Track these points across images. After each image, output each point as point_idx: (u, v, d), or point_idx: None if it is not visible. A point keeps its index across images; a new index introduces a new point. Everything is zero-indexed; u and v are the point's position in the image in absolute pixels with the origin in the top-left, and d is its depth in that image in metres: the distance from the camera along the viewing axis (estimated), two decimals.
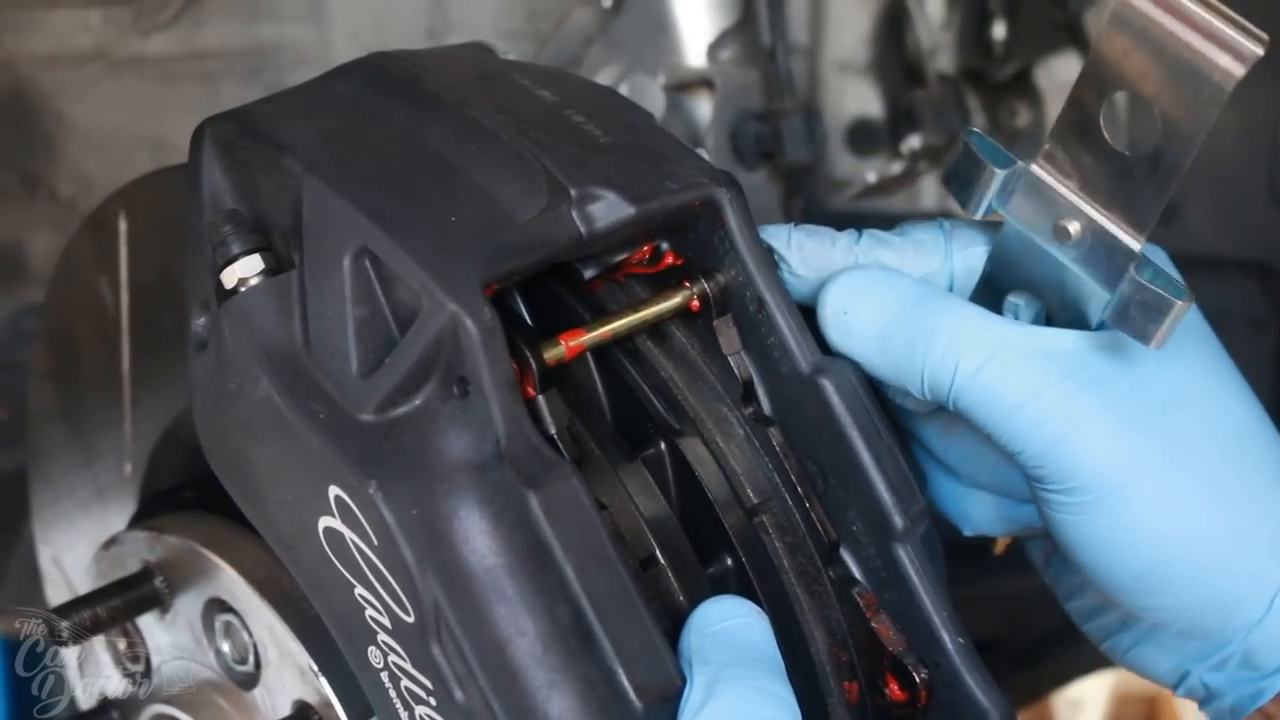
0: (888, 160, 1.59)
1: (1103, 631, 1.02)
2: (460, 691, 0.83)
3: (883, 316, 0.93)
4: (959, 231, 0.97)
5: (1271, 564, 0.92)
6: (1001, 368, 0.90)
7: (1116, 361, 0.90)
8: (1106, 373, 0.90)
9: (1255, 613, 0.92)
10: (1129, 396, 0.90)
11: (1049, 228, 0.89)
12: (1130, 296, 0.85)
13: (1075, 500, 0.90)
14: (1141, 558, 0.91)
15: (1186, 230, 1.63)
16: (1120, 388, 0.90)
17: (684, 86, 1.47)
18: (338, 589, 0.88)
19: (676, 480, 0.94)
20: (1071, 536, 0.92)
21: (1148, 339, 0.85)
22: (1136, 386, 0.90)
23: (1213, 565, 0.91)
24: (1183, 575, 0.91)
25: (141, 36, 1.59)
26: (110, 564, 1.12)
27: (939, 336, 0.91)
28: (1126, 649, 1.00)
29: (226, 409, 0.91)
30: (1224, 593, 0.92)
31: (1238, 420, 0.93)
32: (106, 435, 1.22)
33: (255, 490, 0.91)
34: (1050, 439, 0.89)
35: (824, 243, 0.97)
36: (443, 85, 0.96)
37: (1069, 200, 0.88)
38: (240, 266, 0.90)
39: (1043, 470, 0.91)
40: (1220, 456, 0.91)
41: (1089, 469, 0.89)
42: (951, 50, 1.59)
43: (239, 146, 0.93)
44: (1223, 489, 0.91)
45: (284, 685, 1.01)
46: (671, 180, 0.93)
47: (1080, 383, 0.89)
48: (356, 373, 0.87)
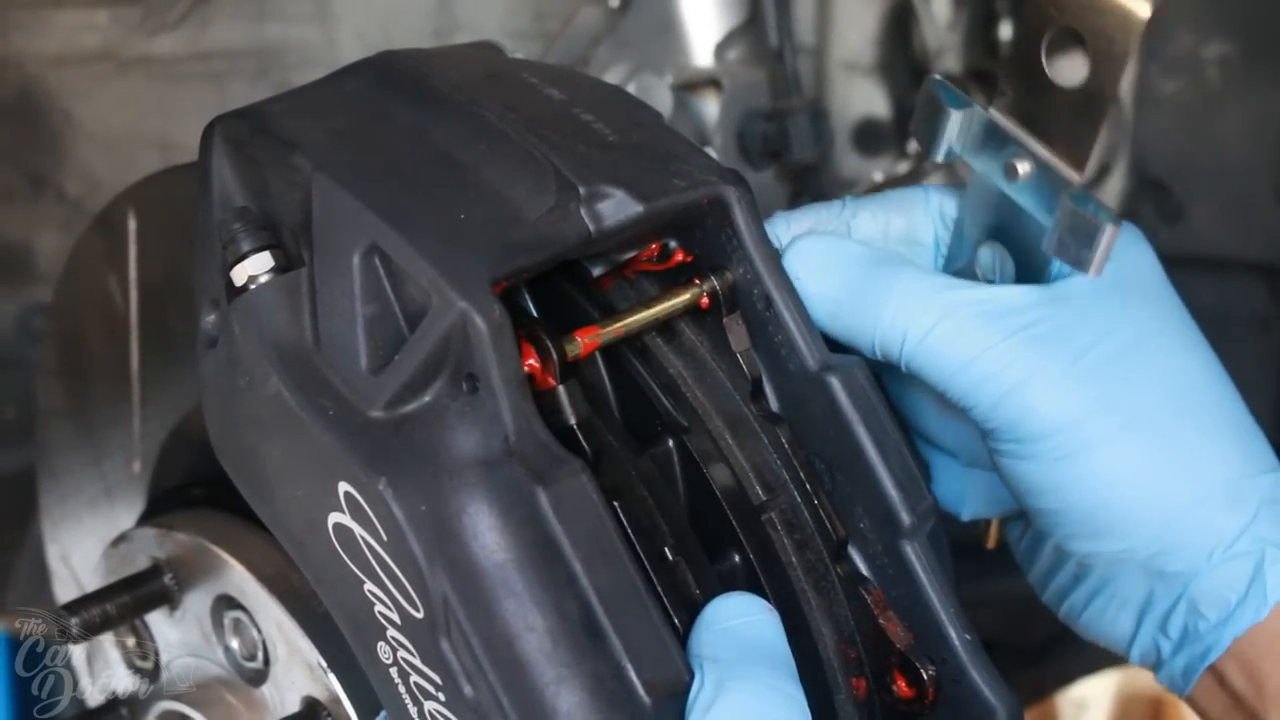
0: (894, 160, 1.59)
1: (1058, 593, 1.03)
2: (469, 687, 0.83)
3: (833, 283, 0.95)
4: (935, 190, 1.00)
5: (1217, 514, 0.93)
6: (950, 328, 0.92)
7: (1066, 316, 0.92)
8: (1056, 327, 0.92)
9: (1197, 561, 0.94)
10: (1077, 349, 0.92)
11: (1003, 168, 0.93)
12: (1064, 224, 0.89)
13: (1022, 448, 0.93)
14: (1085, 500, 0.93)
15: (1192, 231, 1.63)
16: (1068, 340, 0.92)
17: (691, 86, 1.47)
18: (347, 585, 0.88)
19: (685, 477, 0.94)
20: (1021, 484, 0.95)
21: (1085, 266, 0.88)
22: (1086, 339, 0.92)
23: (1157, 510, 0.93)
24: (1128, 518, 0.93)
25: (149, 36, 1.59)
26: (119, 561, 1.12)
27: (889, 301, 0.93)
28: (1082, 608, 1.01)
29: (236, 406, 0.91)
30: (1168, 539, 0.94)
31: (1189, 373, 0.95)
32: (115, 433, 1.22)
33: (265, 486, 0.91)
34: (999, 392, 0.92)
35: (815, 214, 0.99)
36: (451, 84, 0.96)
37: (1019, 138, 0.92)
38: (250, 264, 0.90)
39: (993, 423, 0.93)
40: (1169, 406, 0.93)
41: (1037, 417, 0.92)
42: (958, 50, 1.59)
43: (249, 144, 0.94)
44: (1169, 437, 0.93)
45: (293, 682, 1.01)
46: (680, 178, 0.93)
47: (1029, 337, 0.92)
48: (366, 369, 0.87)
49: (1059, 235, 0.89)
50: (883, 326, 0.93)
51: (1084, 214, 0.88)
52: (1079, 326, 0.92)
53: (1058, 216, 0.89)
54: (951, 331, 0.92)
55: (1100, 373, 0.92)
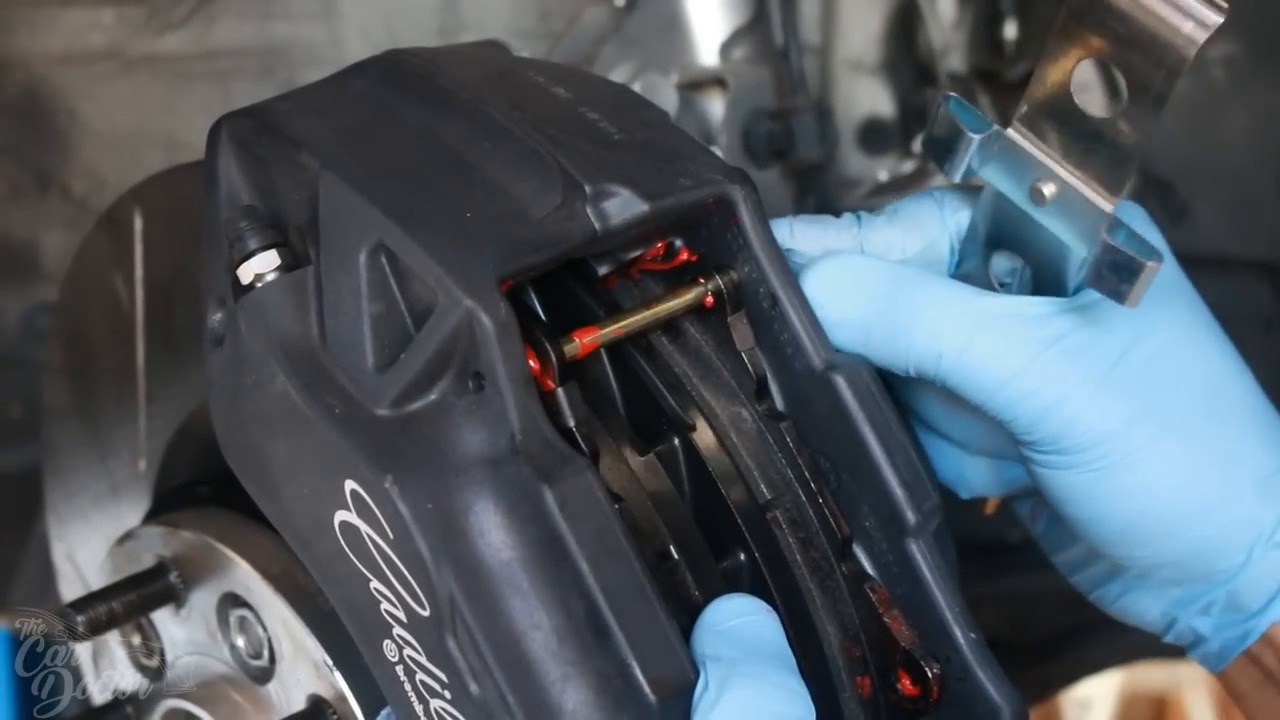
0: (899, 159, 1.59)
1: (1091, 582, 1.04)
2: (475, 685, 0.84)
3: (860, 307, 0.94)
4: (949, 199, 0.99)
5: (1253, 510, 0.94)
6: (985, 345, 0.92)
7: (1095, 325, 0.92)
8: (1087, 338, 0.92)
9: (1238, 557, 0.95)
10: (1112, 358, 0.92)
11: (1026, 190, 0.92)
12: (1104, 259, 0.87)
13: (1064, 459, 0.93)
14: (1127, 510, 0.93)
15: (1196, 230, 1.63)
16: (1103, 350, 0.92)
17: (696, 85, 1.47)
18: (353, 583, 0.88)
19: (690, 475, 0.94)
20: (1061, 494, 0.95)
21: (1123, 299, 0.87)
22: (1117, 348, 0.92)
23: (1196, 513, 0.94)
24: (1168, 524, 0.94)
25: (154, 35, 1.59)
26: (125, 559, 1.12)
27: (919, 322, 0.93)
28: (1115, 598, 1.03)
29: (242, 404, 0.91)
30: (1207, 539, 0.95)
31: (1217, 374, 0.95)
32: (121, 431, 1.22)
33: (271, 485, 0.91)
34: (1039, 408, 0.92)
35: (824, 229, 0.98)
36: (458, 82, 0.97)
37: (1043, 163, 0.90)
38: (257, 262, 0.90)
39: (1033, 436, 0.93)
40: (1201, 410, 0.94)
41: (1080, 430, 0.92)
42: (963, 50, 1.59)
43: (256, 143, 0.94)
44: (1203, 440, 0.93)
45: (298, 680, 1.01)
46: (685, 177, 0.93)
47: (1063, 350, 0.92)
48: (372, 367, 0.87)
49: (1096, 268, 0.87)
50: (916, 347, 0.93)
51: (1124, 250, 0.86)
52: (1111, 335, 0.92)
53: (1098, 253, 0.87)
54: (987, 348, 0.92)
55: (1136, 381, 0.92)
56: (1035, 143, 0.91)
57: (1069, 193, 0.90)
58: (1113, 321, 0.93)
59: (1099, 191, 0.88)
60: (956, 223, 0.98)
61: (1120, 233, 0.87)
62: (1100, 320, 0.92)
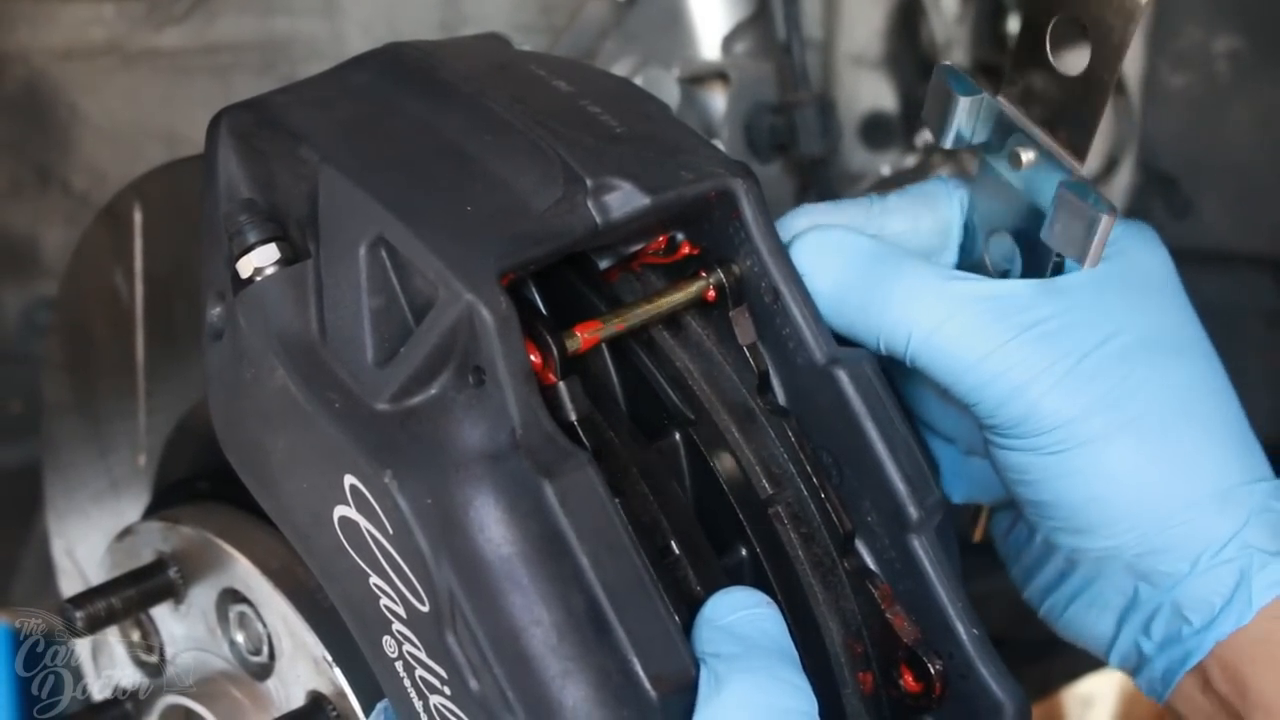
0: (902, 153, 1.58)
1: (1041, 590, 1.04)
2: (475, 681, 0.83)
3: (838, 276, 0.95)
4: (957, 183, 1.00)
5: (1208, 519, 0.94)
6: (955, 328, 0.92)
7: (1071, 313, 0.93)
8: (1061, 325, 0.92)
9: (1184, 564, 0.94)
10: (1082, 348, 0.92)
11: (1008, 156, 0.93)
12: (1062, 214, 0.89)
13: (1023, 443, 0.93)
14: (1079, 491, 0.93)
15: (1200, 225, 1.63)
16: (1073, 339, 0.92)
17: (698, 79, 1.46)
18: (353, 579, 0.87)
19: (691, 471, 0.94)
20: (1015, 472, 0.95)
21: (1082, 257, 0.89)
22: (1090, 338, 0.92)
23: (1149, 509, 0.94)
24: (1119, 514, 0.94)
25: (155, 29, 1.59)
26: (124, 555, 1.12)
27: (893, 299, 0.93)
28: (1063, 608, 1.02)
29: (242, 398, 0.91)
30: (1157, 540, 0.94)
31: (1190, 377, 0.95)
32: (120, 427, 1.22)
33: (270, 480, 0.91)
34: (1004, 391, 0.92)
35: (840, 209, 0.98)
36: (459, 75, 0.96)
37: (1023, 126, 0.92)
38: (256, 256, 0.90)
39: (995, 420, 0.93)
40: (1168, 409, 0.93)
41: (1040, 415, 0.92)
42: (966, 44, 1.59)
43: (255, 136, 0.93)
44: (1166, 439, 0.93)
45: (298, 676, 1.01)
46: (687, 171, 0.93)
47: (1035, 336, 0.92)
48: (372, 362, 0.87)
49: (1056, 225, 0.90)
50: (887, 322, 0.93)
51: (1081, 204, 0.88)
52: (1084, 325, 0.92)
53: (1055, 205, 0.90)
54: (957, 329, 0.92)
55: (1103, 372, 0.92)
56: (1017, 107, 0.93)
57: (1044, 158, 0.91)
58: (1089, 311, 0.93)
59: (1068, 153, 0.90)
60: (962, 202, 0.99)
61: (1078, 188, 0.89)
62: (1078, 310, 0.93)
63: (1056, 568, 1.01)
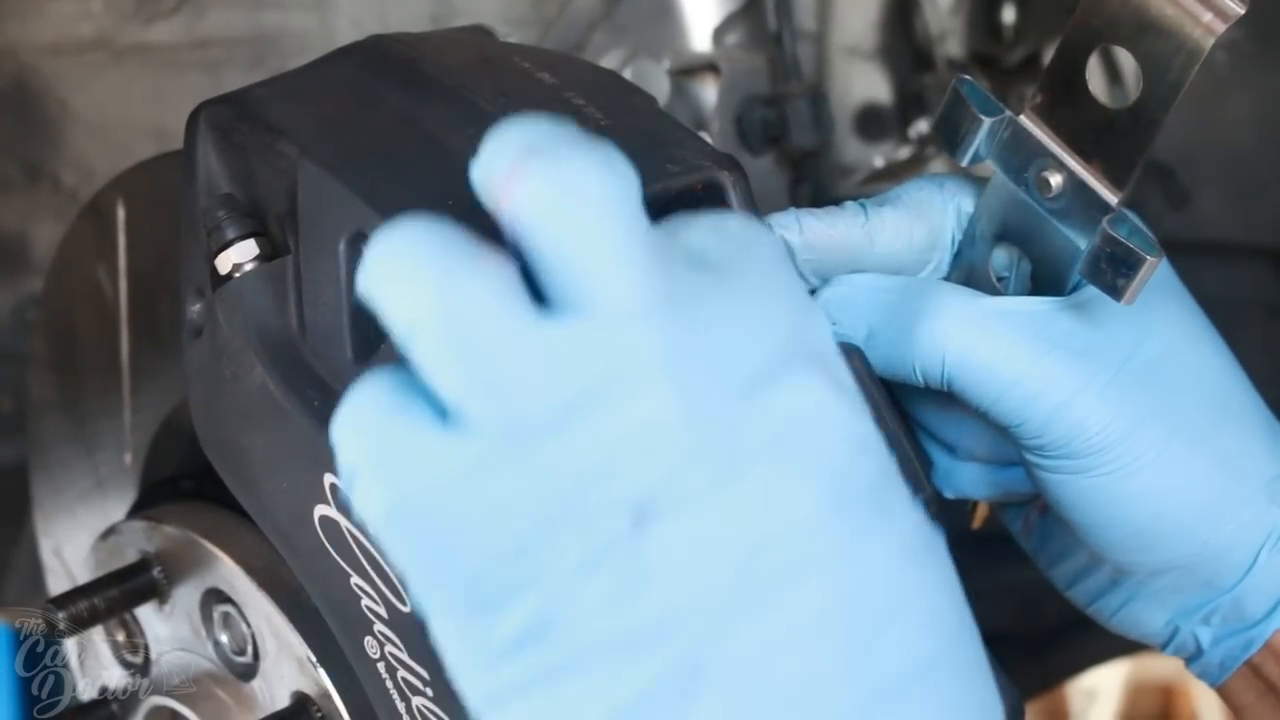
0: (896, 145, 1.57)
1: (1090, 594, 1.02)
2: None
3: (871, 326, 0.93)
4: (949, 183, 0.97)
5: (1259, 513, 0.93)
6: (989, 347, 0.90)
7: (1098, 326, 0.91)
8: (1091, 339, 0.91)
9: (1245, 561, 0.93)
10: (1118, 359, 0.90)
11: (1032, 179, 0.90)
12: (1103, 250, 0.86)
13: (1073, 464, 0.91)
14: (1138, 513, 0.91)
15: (1199, 216, 1.61)
16: (1108, 351, 0.90)
17: (689, 71, 1.45)
18: (333, 579, 0.87)
19: None
20: (1067, 498, 0.93)
21: (1119, 295, 0.86)
22: (1121, 349, 0.91)
23: (1205, 516, 0.92)
24: (1177, 528, 0.92)
25: (144, 24, 1.58)
26: (108, 554, 1.11)
27: (923, 328, 0.92)
28: (1115, 610, 1.00)
29: (221, 396, 0.90)
30: (1214, 543, 0.93)
31: (1218, 376, 0.94)
32: (106, 425, 1.21)
33: (251, 479, 0.90)
34: (1047, 410, 0.90)
35: (833, 221, 0.96)
36: (441, 68, 0.95)
37: (1052, 151, 0.89)
38: (235, 252, 0.89)
39: (1041, 440, 0.91)
40: (1206, 412, 0.92)
41: (1089, 432, 0.90)
42: (961, 35, 1.57)
43: (235, 130, 0.92)
44: (1210, 442, 0.92)
45: (282, 677, 1.00)
46: (673, 163, 0.92)
47: (1069, 351, 0.90)
48: (352, 358, 0.86)
49: (1094, 259, 0.87)
50: (921, 352, 0.92)
51: (1124, 243, 0.85)
52: (1113, 336, 0.91)
53: (1096, 242, 0.87)
54: (992, 350, 0.90)
55: (1142, 382, 0.91)
56: (1046, 131, 0.90)
57: (1075, 184, 0.88)
58: (1114, 322, 0.91)
59: (1105, 183, 0.87)
60: (958, 208, 0.97)
61: (1123, 226, 0.86)
62: (1102, 321, 0.91)
63: (1106, 575, 1.00)
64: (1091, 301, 0.91)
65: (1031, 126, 0.90)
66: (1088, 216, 0.88)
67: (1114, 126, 0.87)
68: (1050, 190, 0.89)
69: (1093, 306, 0.91)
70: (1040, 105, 0.90)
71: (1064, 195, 0.89)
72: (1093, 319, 0.91)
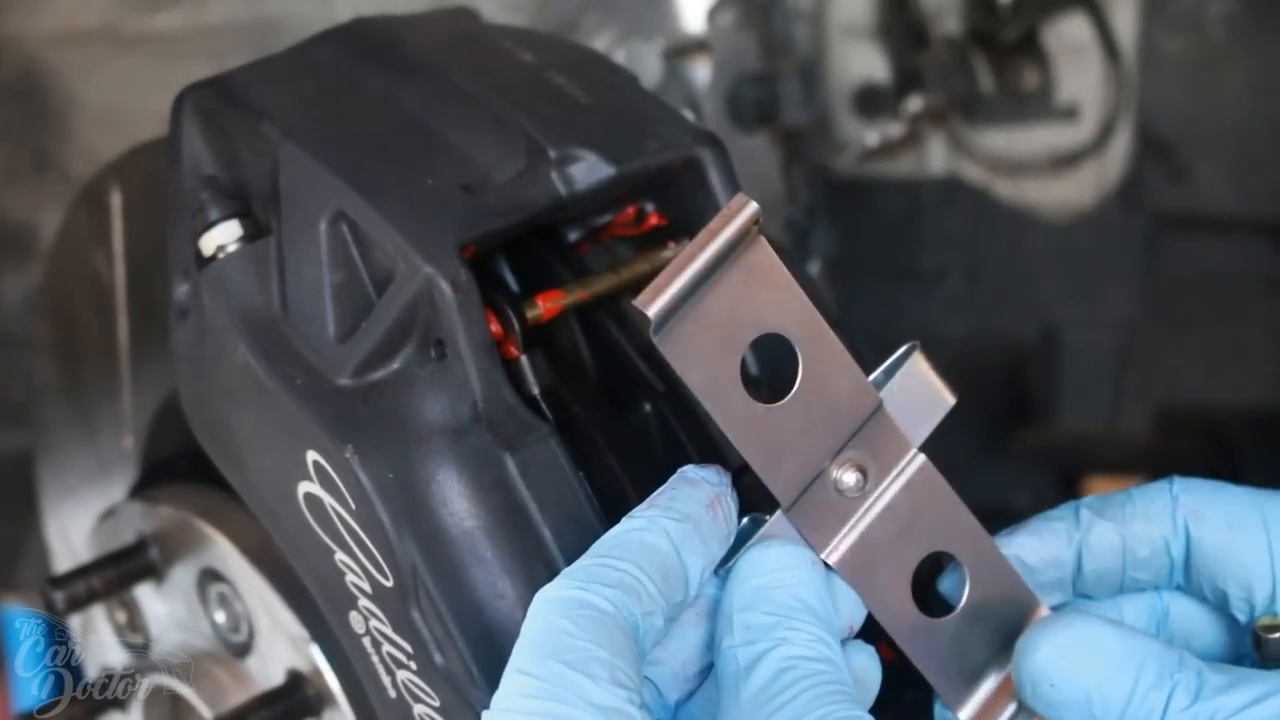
0: (890, 122, 1.57)
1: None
2: (440, 655, 0.83)
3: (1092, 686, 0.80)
4: (1186, 497, 0.87)
5: None
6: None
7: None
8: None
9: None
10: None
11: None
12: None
13: None
14: None
15: (1198, 190, 1.61)
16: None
17: (681, 51, 1.45)
18: (319, 554, 0.87)
19: (663, 442, 0.93)
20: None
21: None
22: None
23: None
24: None
25: (148, 13, 1.59)
26: (107, 535, 1.12)
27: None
28: None
29: (207, 376, 0.91)
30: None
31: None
32: (107, 408, 1.22)
33: (237, 457, 0.91)
34: None
35: (1050, 542, 0.86)
36: (422, 49, 0.96)
37: None
38: (218, 233, 0.89)
39: None
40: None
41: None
42: (958, 12, 1.57)
43: (218, 113, 0.93)
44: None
45: (276, 654, 1.00)
46: (653, 140, 0.92)
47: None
48: (334, 337, 0.86)
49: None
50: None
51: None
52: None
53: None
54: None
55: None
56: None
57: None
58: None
59: None
60: (1185, 526, 0.87)
61: None
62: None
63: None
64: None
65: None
66: None
67: None
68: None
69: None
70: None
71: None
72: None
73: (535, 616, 0.75)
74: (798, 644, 0.76)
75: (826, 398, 0.80)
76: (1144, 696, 0.79)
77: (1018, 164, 1.63)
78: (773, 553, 0.79)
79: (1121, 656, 0.80)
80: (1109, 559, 0.87)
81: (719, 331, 0.77)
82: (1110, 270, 1.61)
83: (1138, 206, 1.60)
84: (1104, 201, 1.63)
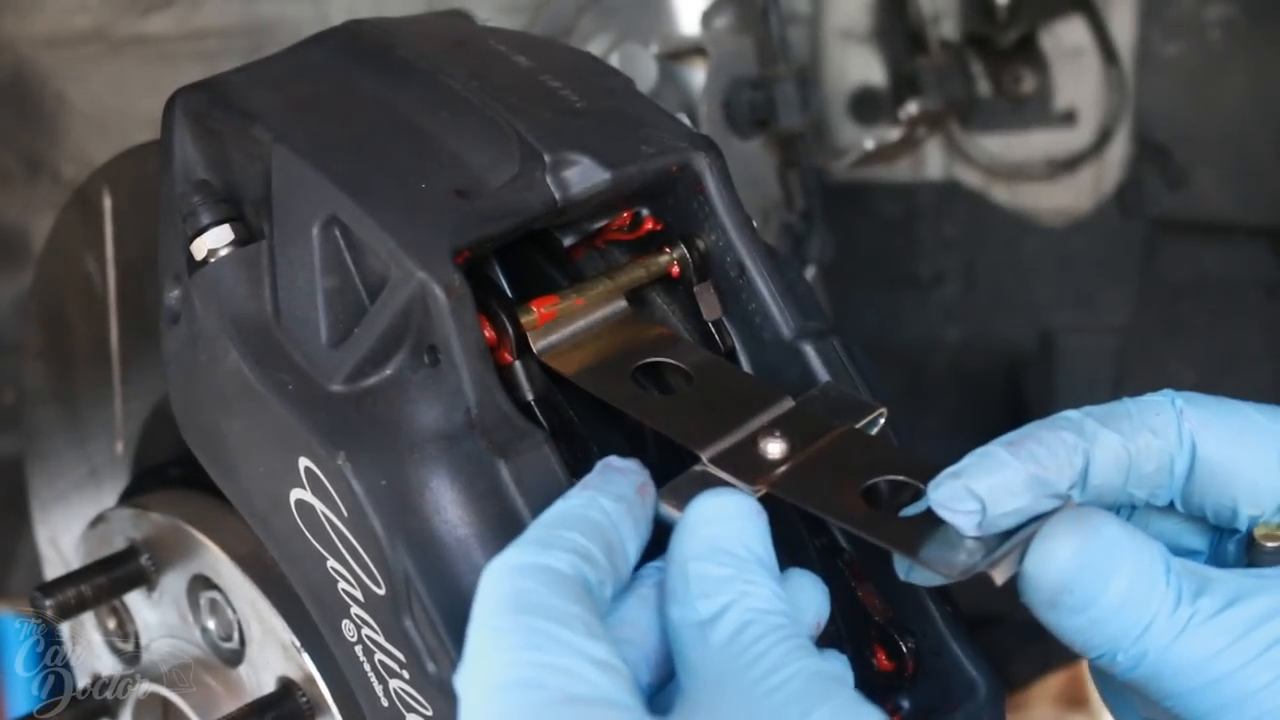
0: (887, 127, 1.57)
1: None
2: (432, 664, 0.82)
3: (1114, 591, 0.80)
4: (1191, 410, 0.85)
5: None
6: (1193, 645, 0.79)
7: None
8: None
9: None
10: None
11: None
12: None
13: None
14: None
15: (1196, 195, 1.60)
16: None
17: (677, 55, 1.45)
18: (311, 562, 0.87)
19: (656, 449, 0.93)
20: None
21: None
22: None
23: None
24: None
25: (140, 16, 1.58)
26: (98, 542, 1.11)
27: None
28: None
29: (198, 382, 0.90)
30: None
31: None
32: (98, 414, 1.21)
33: (228, 464, 0.90)
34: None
35: (1059, 454, 0.82)
36: (416, 52, 0.95)
37: None
38: (210, 237, 0.89)
39: None
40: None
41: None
42: (955, 16, 1.57)
43: (210, 116, 0.92)
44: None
45: (268, 662, 1.00)
46: (648, 145, 0.92)
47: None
48: (326, 343, 0.86)
49: None
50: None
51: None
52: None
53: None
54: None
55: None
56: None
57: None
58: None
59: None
60: (1192, 434, 0.85)
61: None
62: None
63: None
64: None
65: None
66: None
67: None
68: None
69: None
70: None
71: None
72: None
73: (497, 583, 0.74)
74: (758, 598, 0.76)
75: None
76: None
77: (1015, 169, 1.63)
78: (721, 500, 0.79)
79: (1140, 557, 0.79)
80: (1113, 474, 0.83)
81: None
82: (1108, 275, 1.61)
83: (1136, 211, 1.60)
84: (1102, 206, 1.62)
